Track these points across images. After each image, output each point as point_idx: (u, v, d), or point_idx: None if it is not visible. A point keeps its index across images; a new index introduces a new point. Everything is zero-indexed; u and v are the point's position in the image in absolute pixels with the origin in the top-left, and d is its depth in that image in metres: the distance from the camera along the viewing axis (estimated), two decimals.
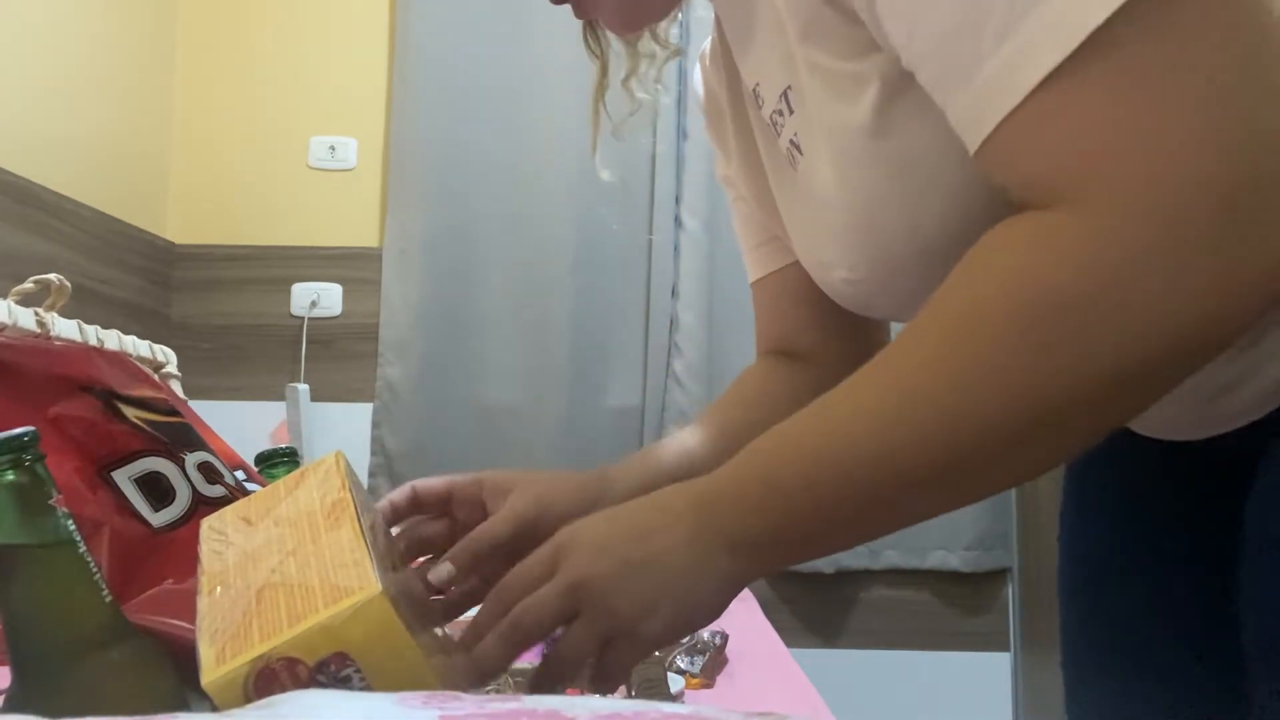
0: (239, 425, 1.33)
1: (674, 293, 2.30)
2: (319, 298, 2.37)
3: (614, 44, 0.82)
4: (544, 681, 0.57)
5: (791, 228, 0.74)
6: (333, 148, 2.41)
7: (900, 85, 0.56)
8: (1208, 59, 0.45)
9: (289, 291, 2.38)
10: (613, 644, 0.55)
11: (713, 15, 0.77)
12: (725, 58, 0.78)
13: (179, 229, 2.38)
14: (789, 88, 0.65)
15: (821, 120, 0.62)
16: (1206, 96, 0.44)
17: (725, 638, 0.95)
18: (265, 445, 0.74)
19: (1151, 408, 0.65)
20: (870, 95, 0.57)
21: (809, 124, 0.64)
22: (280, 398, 2.29)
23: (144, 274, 2.25)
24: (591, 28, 0.81)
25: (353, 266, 2.38)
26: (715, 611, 0.56)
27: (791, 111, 0.65)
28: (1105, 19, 0.44)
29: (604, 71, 0.82)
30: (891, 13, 0.52)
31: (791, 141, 0.67)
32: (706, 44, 0.84)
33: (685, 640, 0.92)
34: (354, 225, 2.40)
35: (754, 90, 0.71)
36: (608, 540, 0.56)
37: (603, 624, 0.55)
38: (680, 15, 0.78)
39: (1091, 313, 0.46)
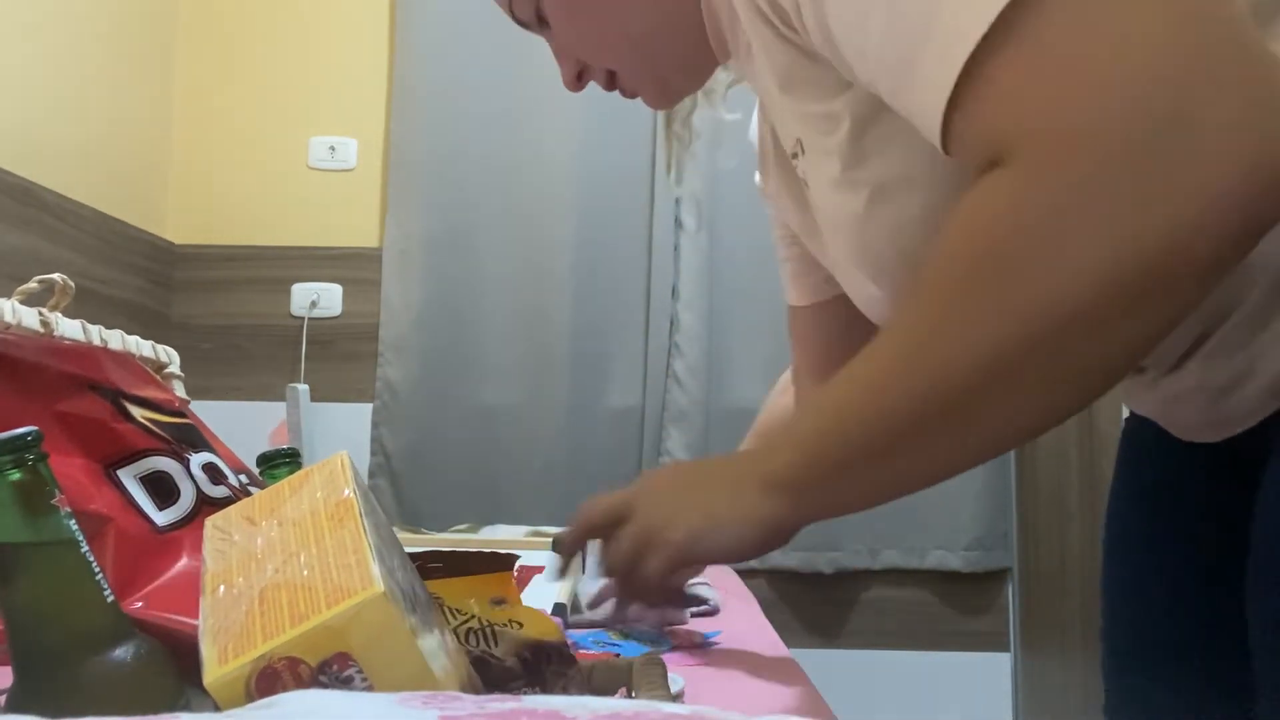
0: (239, 425, 1.33)
1: (674, 293, 2.30)
2: (319, 298, 2.37)
3: None
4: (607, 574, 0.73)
5: (826, 261, 0.80)
6: (333, 148, 2.41)
7: (868, 119, 0.62)
8: (1112, 12, 0.47)
9: (289, 291, 2.38)
10: (644, 550, 0.67)
11: None
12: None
13: (179, 229, 2.38)
14: (797, 134, 0.70)
15: (813, 159, 0.68)
16: (1108, 47, 0.47)
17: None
18: (265, 445, 0.74)
19: (1165, 408, 0.67)
20: (843, 130, 0.63)
21: (810, 165, 0.69)
22: (280, 398, 2.29)
23: (144, 274, 2.25)
24: None
25: (353, 266, 2.38)
26: (742, 542, 0.66)
27: (804, 155, 0.71)
28: None
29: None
30: (846, 41, 0.56)
31: (804, 181, 0.72)
32: None
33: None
34: (354, 225, 2.40)
35: (784, 138, 0.75)
36: (672, 470, 0.73)
37: (639, 524, 0.68)
38: None
39: (1021, 255, 0.49)
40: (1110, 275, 0.47)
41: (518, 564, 0.71)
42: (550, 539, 1.47)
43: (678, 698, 0.78)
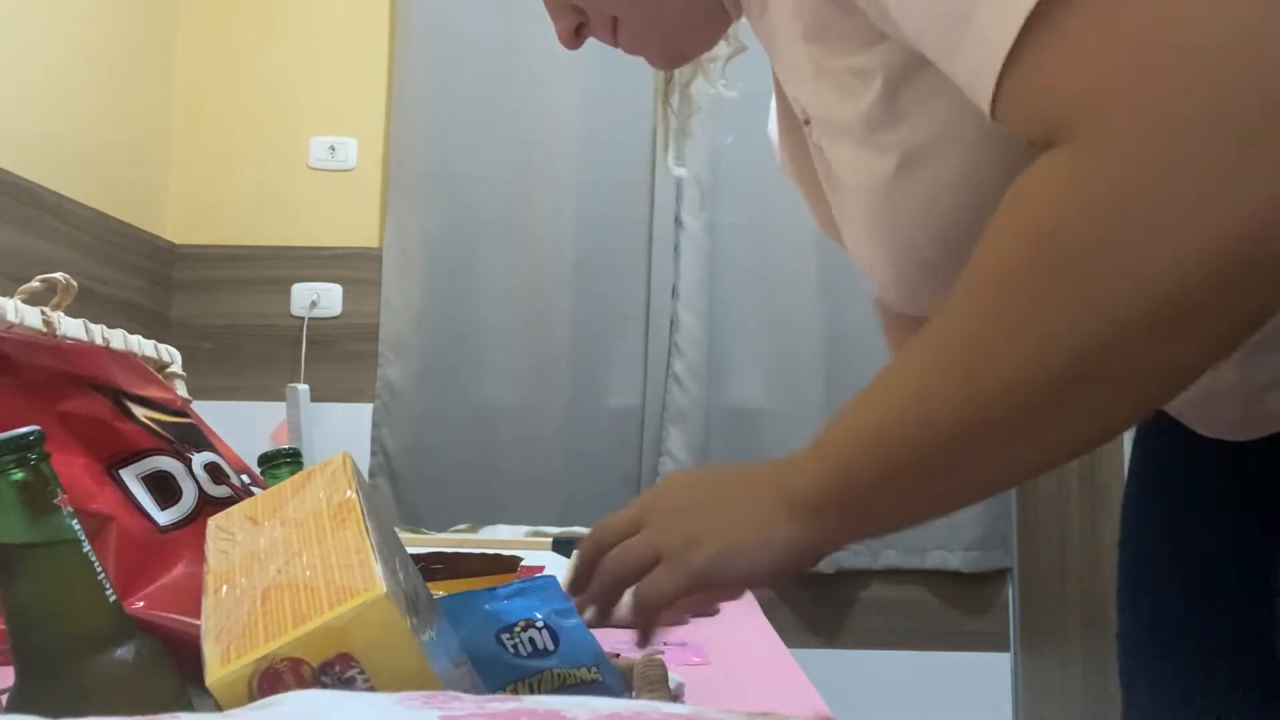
0: (239, 426, 1.33)
1: (674, 293, 2.30)
2: (319, 298, 2.37)
3: None
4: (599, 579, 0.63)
5: (845, 237, 0.74)
6: (333, 148, 2.41)
7: (904, 75, 0.56)
8: None
9: (289, 291, 2.38)
10: (656, 566, 0.59)
11: None
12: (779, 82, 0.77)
13: (179, 229, 2.38)
14: (811, 95, 0.65)
15: (834, 121, 0.63)
16: (1198, 8, 0.42)
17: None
18: (265, 445, 0.74)
19: (1198, 405, 0.62)
20: (875, 88, 0.57)
21: (827, 129, 0.64)
22: (280, 398, 2.29)
23: (144, 274, 2.25)
24: None
25: (353, 266, 2.39)
26: (764, 567, 0.59)
27: (812, 120, 0.66)
28: None
29: (669, 74, 0.84)
30: None
31: (819, 148, 0.67)
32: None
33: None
34: (354, 225, 2.40)
35: (794, 103, 0.71)
36: (689, 482, 0.65)
37: (657, 540, 0.60)
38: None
39: (1099, 252, 0.44)
40: (1199, 262, 0.42)
41: (520, 565, 0.71)
42: (550, 538, 1.47)
43: (678, 698, 0.78)
